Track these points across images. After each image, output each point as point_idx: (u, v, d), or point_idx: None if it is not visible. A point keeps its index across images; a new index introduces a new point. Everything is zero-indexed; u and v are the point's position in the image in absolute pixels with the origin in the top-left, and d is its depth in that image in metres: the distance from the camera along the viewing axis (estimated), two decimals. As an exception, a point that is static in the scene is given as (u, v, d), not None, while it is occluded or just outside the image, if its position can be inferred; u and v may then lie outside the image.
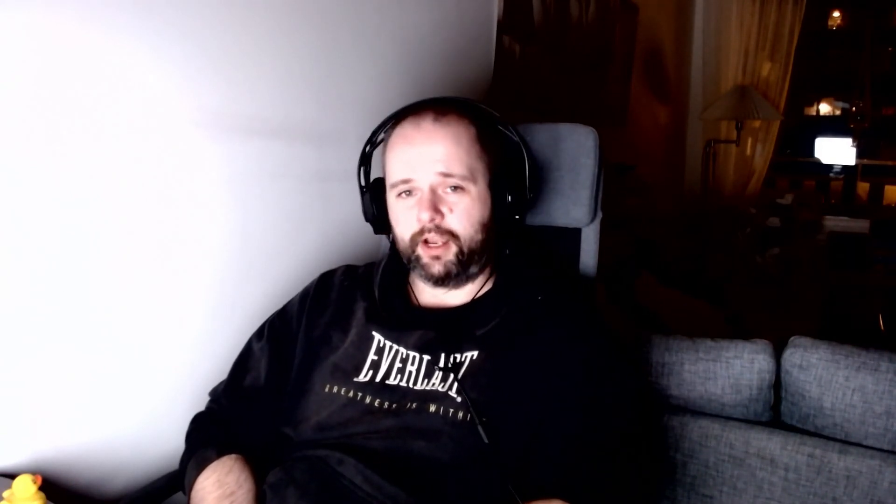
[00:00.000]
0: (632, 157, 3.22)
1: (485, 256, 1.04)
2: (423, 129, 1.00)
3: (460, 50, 1.83)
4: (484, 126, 1.05)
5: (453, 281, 1.01)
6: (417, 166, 0.99)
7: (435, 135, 0.99)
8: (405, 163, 1.00)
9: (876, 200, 5.20)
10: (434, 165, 0.98)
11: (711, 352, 1.28)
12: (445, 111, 1.02)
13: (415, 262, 1.01)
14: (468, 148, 1.00)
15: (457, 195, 0.99)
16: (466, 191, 0.99)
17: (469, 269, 1.01)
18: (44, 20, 0.94)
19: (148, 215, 1.10)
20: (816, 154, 5.27)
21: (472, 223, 1.00)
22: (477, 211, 1.00)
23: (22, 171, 0.94)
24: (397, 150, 1.01)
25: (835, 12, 5.29)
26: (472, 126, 1.02)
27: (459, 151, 0.99)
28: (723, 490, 1.24)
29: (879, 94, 5.09)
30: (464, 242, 0.99)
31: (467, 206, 0.99)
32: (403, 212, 1.01)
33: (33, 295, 0.97)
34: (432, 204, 0.97)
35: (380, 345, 1.02)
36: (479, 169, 1.01)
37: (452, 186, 0.98)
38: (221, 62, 1.18)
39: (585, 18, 2.65)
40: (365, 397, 0.98)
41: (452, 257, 0.99)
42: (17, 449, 0.98)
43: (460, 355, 0.98)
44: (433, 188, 0.98)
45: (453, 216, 0.99)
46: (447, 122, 1.00)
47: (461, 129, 1.00)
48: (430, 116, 1.01)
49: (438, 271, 0.99)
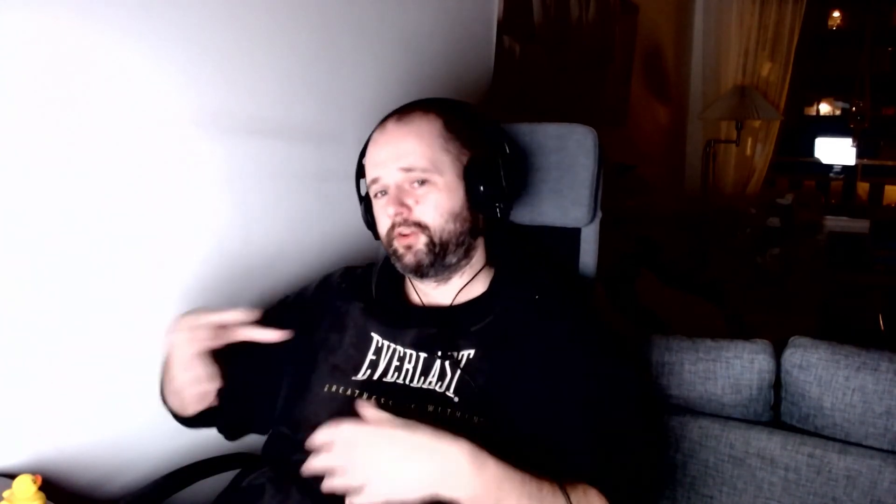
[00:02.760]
0: (632, 157, 3.22)
1: (464, 247, 1.04)
2: (387, 130, 1.04)
3: (460, 50, 1.83)
4: (454, 119, 1.06)
5: (430, 270, 1.02)
6: (382, 165, 1.02)
7: (396, 133, 1.03)
8: (373, 164, 1.04)
9: (876, 200, 5.19)
10: (397, 162, 1.01)
11: (711, 352, 1.28)
12: (408, 111, 1.06)
13: (394, 256, 1.04)
14: (430, 141, 1.02)
15: (423, 188, 1.01)
16: (432, 182, 1.01)
17: (445, 258, 1.02)
18: (44, 20, 0.94)
19: (148, 215, 1.10)
20: (816, 154, 5.27)
21: (440, 213, 1.01)
22: (446, 201, 1.01)
23: (22, 171, 0.94)
24: (369, 155, 1.06)
25: (835, 12, 5.28)
26: (437, 119, 1.04)
27: (420, 146, 1.01)
28: (723, 490, 1.24)
29: (879, 94, 5.08)
30: (434, 232, 1.01)
31: (434, 197, 1.01)
32: (379, 211, 1.05)
33: (33, 295, 0.98)
34: (397, 199, 1.00)
35: (378, 344, 1.03)
36: (445, 160, 1.02)
37: (417, 181, 1.01)
38: (221, 62, 1.18)
39: (585, 18, 2.65)
40: (363, 395, 0.98)
41: (423, 246, 1.00)
42: (17, 449, 0.98)
43: (457, 353, 0.98)
44: (398, 185, 1.01)
45: (420, 207, 1.01)
46: (408, 120, 1.04)
47: (423, 124, 1.03)
48: (394, 119, 1.05)
49: (410, 260, 1.01)
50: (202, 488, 1.11)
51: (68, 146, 0.99)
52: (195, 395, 1.00)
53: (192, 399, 1.01)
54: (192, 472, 1.12)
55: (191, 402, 1.04)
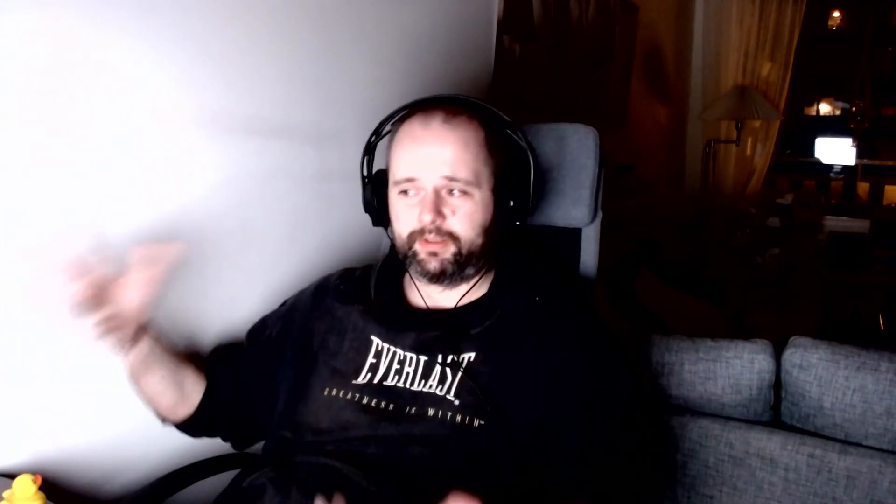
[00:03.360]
0: (632, 157, 3.22)
1: (483, 259, 1.03)
2: (432, 128, 0.98)
3: (460, 50, 1.83)
4: (492, 129, 1.03)
5: (448, 280, 1.01)
6: (423, 167, 0.98)
7: (444, 136, 0.98)
8: (411, 162, 0.99)
9: (876, 200, 5.19)
10: (440, 168, 0.97)
11: (711, 352, 1.28)
12: (456, 112, 1.00)
13: (411, 258, 1.01)
14: (476, 152, 0.99)
15: (460, 199, 0.98)
16: (470, 195, 0.98)
17: (465, 269, 1.01)
18: (44, 20, 0.94)
19: (148, 215, 1.10)
20: (816, 154, 5.27)
21: (473, 227, 0.99)
22: (479, 215, 0.99)
23: (22, 170, 0.94)
24: (404, 147, 1.00)
25: (835, 12, 5.28)
26: (481, 129, 1.01)
27: (466, 156, 0.98)
28: (723, 490, 1.24)
29: (879, 94, 5.08)
30: (463, 244, 0.99)
31: (470, 210, 0.98)
32: (404, 209, 1.01)
33: (34, 294, 0.97)
34: (435, 206, 0.97)
35: (378, 348, 1.02)
36: (484, 174, 1.00)
37: (457, 190, 0.98)
38: (221, 62, 1.18)
39: (585, 18, 2.65)
40: (363, 398, 0.98)
41: (450, 256, 0.98)
42: (17, 449, 0.98)
43: (457, 357, 0.98)
44: (437, 190, 0.97)
45: (455, 219, 0.98)
46: (457, 124, 0.99)
47: (470, 132, 0.99)
48: (441, 116, 0.99)
49: (434, 268, 0.99)
50: (202, 488, 1.11)
51: (68, 146, 0.99)
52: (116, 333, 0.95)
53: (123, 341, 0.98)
54: (192, 472, 1.12)
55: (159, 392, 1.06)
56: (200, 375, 1.10)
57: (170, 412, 1.09)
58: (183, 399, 1.08)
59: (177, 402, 1.07)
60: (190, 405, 1.09)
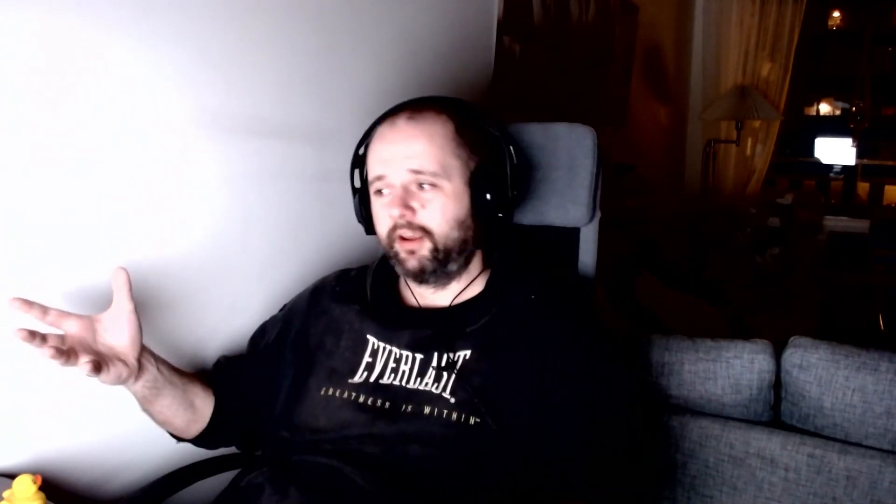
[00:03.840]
0: (632, 157, 3.21)
1: (465, 255, 1.03)
2: (398, 127, 1.01)
3: (460, 50, 1.83)
4: (465, 123, 1.04)
5: (432, 277, 1.01)
6: (390, 163, 1.00)
7: (408, 132, 1.00)
8: (379, 160, 1.01)
9: (876, 200, 5.19)
10: (406, 162, 0.98)
11: (711, 352, 1.28)
12: (421, 109, 1.02)
13: (394, 259, 1.02)
14: (442, 144, 1.00)
15: (431, 192, 0.99)
16: (439, 187, 0.99)
17: (447, 266, 1.01)
18: (43, 20, 0.94)
19: (147, 215, 1.10)
20: (816, 154, 5.27)
21: (446, 220, 0.99)
22: (452, 208, 1.00)
23: (23, 171, 0.94)
24: (375, 149, 1.03)
25: (835, 12, 5.28)
26: (449, 122, 1.02)
27: (432, 149, 0.99)
28: (723, 490, 1.24)
29: (879, 94, 5.08)
30: (438, 239, 0.99)
31: (441, 203, 0.99)
32: (380, 209, 1.02)
33: (33, 294, 0.97)
34: (402, 200, 0.98)
35: (374, 347, 1.02)
36: (454, 166, 1.00)
37: (426, 184, 0.99)
38: (221, 62, 1.18)
39: (585, 18, 2.65)
40: (359, 397, 0.98)
41: (427, 253, 0.99)
42: (17, 449, 0.98)
43: (453, 354, 0.98)
44: (405, 185, 0.99)
45: (425, 212, 0.99)
46: (422, 119, 1.01)
47: (437, 126, 1.00)
48: (406, 115, 1.02)
49: (413, 266, 1.00)
50: (202, 488, 1.11)
51: (68, 146, 0.99)
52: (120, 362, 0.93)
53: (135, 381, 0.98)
54: (192, 472, 1.12)
55: (174, 415, 1.05)
56: (208, 390, 1.10)
57: (184, 431, 1.09)
58: (195, 416, 1.08)
59: (189, 420, 1.08)
60: (202, 421, 1.09)
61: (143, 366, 0.97)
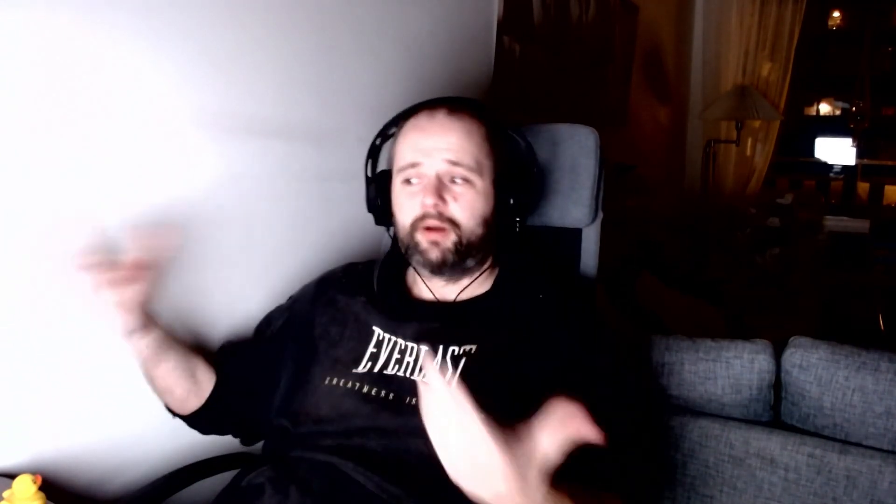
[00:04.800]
0: (632, 157, 3.21)
1: (482, 253, 1.05)
2: (437, 119, 1.03)
3: (460, 50, 1.83)
4: (494, 127, 1.08)
5: (449, 270, 1.03)
6: (428, 152, 1.01)
7: (448, 125, 1.02)
8: (416, 148, 1.02)
9: (876, 200, 5.19)
10: (444, 153, 1.00)
11: (711, 352, 1.28)
12: (459, 107, 1.05)
13: (413, 249, 1.03)
14: (478, 143, 1.03)
15: (462, 186, 1.01)
16: (472, 183, 1.01)
17: (466, 261, 1.03)
18: (43, 20, 0.94)
19: (148, 215, 1.10)
20: (816, 154, 5.27)
21: (473, 215, 1.01)
22: (480, 205, 1.02)
23: (23, 171, 0.94)
24: (409, 138, 1.04)
25: (835, 12, 5.28)
26: (483, 125, 1.05)
27: (470, 144, 1.01)
28: (723, 490, 1.24)
29: (879, 94, 5.08)
30: (463, 233, 1.01)
31: (471, 198, 1.01)
32: (407, 198, 1.03)
33: (34, 294, 0.97)
34: (437, 190, 0.99)
35: (379, 337, 1.03)
36: (487, 165, 1.03)
37: (459, 177, 1.01)
38: (221, 62, 1.18)
39: (585, 18, 2.65)
40: (363, 387, 0.98)
41: (451, 245, 1.00)
42: (17, 449, 0.98)
43: (458, 349, 0.98)
44: (440, 175, 1.00)
45: (456, 205, 1.00)
46: (460, 116, 1.03)
47: (473, 125, 1.04)
48: (445, 110, 1.04)
49: (436, 257, 1.01)
50: (202, 488, 1.11)
51: (69, 146, 0.99)
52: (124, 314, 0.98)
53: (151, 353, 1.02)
54: (192, 472, 1.12)
55: (174, 386, 1.06)
56: (210, 367, 1.11)
57: (182, 403, 1.09)
58: (195, 389, 1.09)
59: (189, 391, 1.08)
60: (201, 396, 1.10)
61: (153, 320, 1.00)
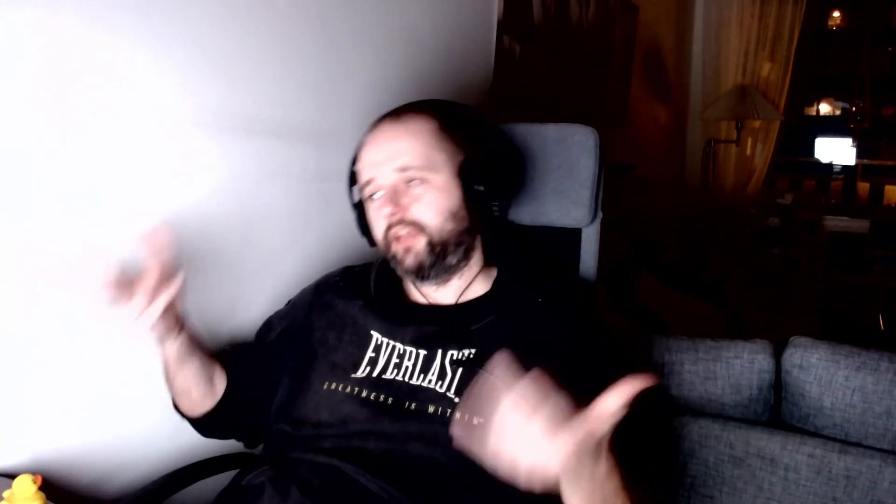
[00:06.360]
0: (632, 157, 3.21)
1: (463, 247, 1.04)
2: (381, 130, 1.04)
3: (460, 50, 1.83)
4: (448, 119, 1.06)
5: (431, 272, 1.02)
6: (378, 164, 1.02)
7: (392, 132, 1.03)
8: (368, 164, 1.03)
9: (876, 200, 5.20)
10: (392, 162, 1.00)
11: (711, 352, 1.28)
12: (401, 112, 1.06)
13: (393, 261, 1.03)
14: (426, 139, 1.02)
15: (420, 187, 1.01)
16: (428, 182, 1.01)
17: (446, 259, 1.02)
18: (44, 20, 0.94)
19: (148, 215, 1.10)
20: (816, 154, 5.27)
21: (437, 212, 1.01)
22: (443, 200, 1.01)
23: (23, 171, 0.94)
24: (362, 156, 1.05)
25: (835, 12, 5.29)
26: (431, 119, 1.04)
27: (417, 144, 1.01)
28: (723, 490, 1.24)
29: (879, 94, 5.09)
30: (432, 232, 1.00)
31: (431, 196, 1.01)
32: (375, 214, 1.04)
33: (34, 295, 0.97)
34: (392, 199, 1.00)
35: (377, 342, 1.03)
36: (440, 159, 1.02)
37: (413, 179, 1.00)
38: (221, 62, 1.18)
39: (585, 18, 2.65)
40: (362, 391, 0.98)
41: (423, 247, 1.00)
42: (17, 449, 0.98)
43: (457, 353, 0.98)
44: (394, 185, 1.01)
45: (417, 207, 1.00)
46: (402, 119, 1.04)
47: (417, 123, 1.03)
48: (387, 120, 1.05)
49: (412, 263, 1.00)
50: (202, 488, 1.11)
51: (69, 147, 0.99)
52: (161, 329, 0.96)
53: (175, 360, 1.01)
54: (192, 472, 1.12)
55: (192, 390, 1.06)
56: (224, 373, 1.12)
57: (196, 406, 1.10)
58: (211, 392, 1.09)
59: (205, 394, 1.09)
60: (214, 399, 1.10)
61: (182, 323, 1.00)
